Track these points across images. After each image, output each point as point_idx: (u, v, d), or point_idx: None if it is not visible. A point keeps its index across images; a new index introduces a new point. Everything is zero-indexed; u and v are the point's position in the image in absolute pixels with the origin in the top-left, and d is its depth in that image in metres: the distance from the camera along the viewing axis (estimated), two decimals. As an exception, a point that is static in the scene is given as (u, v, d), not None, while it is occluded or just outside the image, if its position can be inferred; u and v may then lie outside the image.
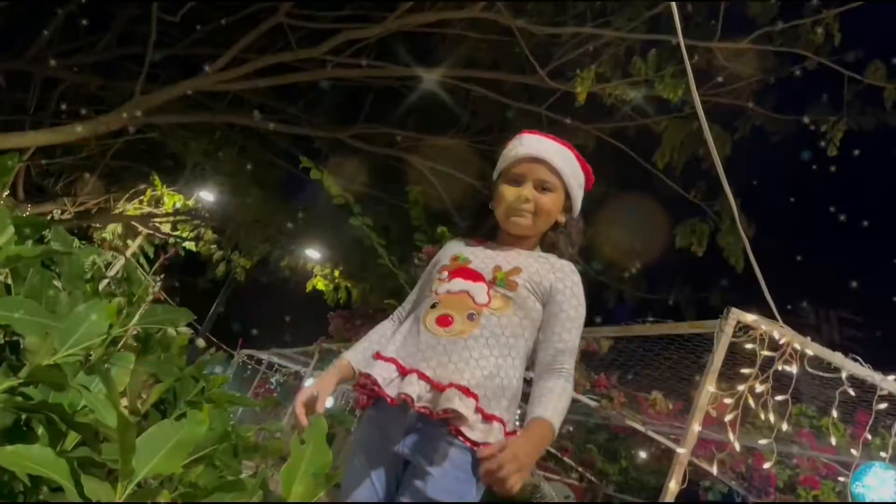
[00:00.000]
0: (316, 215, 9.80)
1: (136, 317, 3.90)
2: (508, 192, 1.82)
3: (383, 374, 1.64)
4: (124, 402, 3.69)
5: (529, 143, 1.85)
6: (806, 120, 5.65)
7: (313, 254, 11.71)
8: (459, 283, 1.74)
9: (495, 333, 1.68)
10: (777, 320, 2.58)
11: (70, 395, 3.06)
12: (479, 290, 1.72)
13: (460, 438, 1.59)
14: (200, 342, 3.56)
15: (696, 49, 5.20)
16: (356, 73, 6.68)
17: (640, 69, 5.12)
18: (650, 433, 5.02)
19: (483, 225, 1.92)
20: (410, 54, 7.20)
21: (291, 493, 3.35)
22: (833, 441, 4.36)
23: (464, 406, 1.57)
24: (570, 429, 7.95)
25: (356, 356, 1.83)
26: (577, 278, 1.80)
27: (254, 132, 8.34)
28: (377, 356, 1.71)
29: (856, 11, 4.67)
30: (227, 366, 14.40)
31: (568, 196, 1.85)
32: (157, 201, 12.49)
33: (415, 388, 1.60)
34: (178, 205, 12.35)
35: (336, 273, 11.00)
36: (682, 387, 4.88)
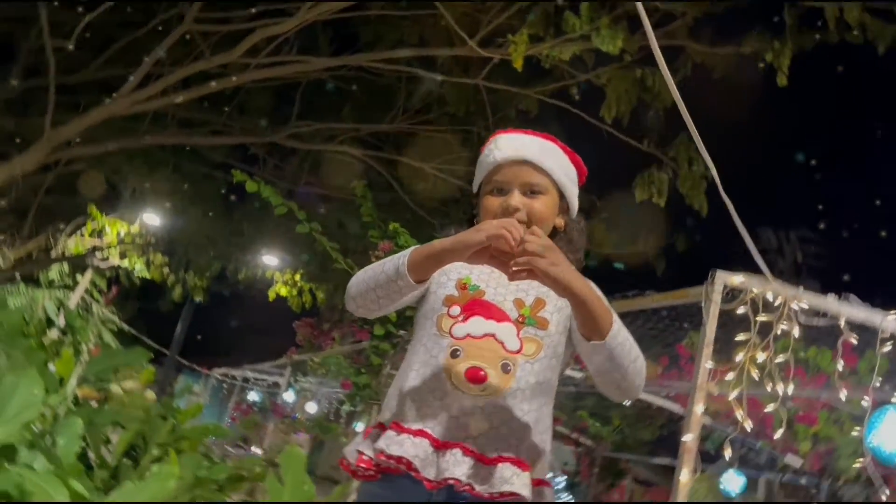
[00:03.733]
0: (266, 221, 9.46)
1: (79, 371, 3.55)
2: (493, 203, 1.54)
3: (418, 454, 1.35)
4: (93, 455, 3.34)
5: (507, 145, 1.58)
6: (748, 51, 5.50)
7: (271, 260, 11.39)
8: (481, 324, 1.45)
9: (532, 383, 1.44)
10: (765, 275, 2.41)
11: (13, 476, 2.76)
12: (509, 334, 1.45)
13: None
14: (150, 394, 3.30)
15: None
16: (280, 72, 6.34)
17: (573, 25, 4.90)
18: (641, 397, 4.91)
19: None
20: (333, 43, 6.90)
21: (277, 537, 3.07)
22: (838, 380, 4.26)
23: (521, 484, 1.34)
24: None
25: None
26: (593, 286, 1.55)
27: (184, 148, 7.95)
28: (396, 427, 1.41)
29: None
30: (203, 385, 14.07)
31: (562, 196, 1.59)
32: (100, 232, 12.02)
33: (462, 469, 1.34)
34: (123, 232, 11.89)
35: (297, 277, 10.70)
36: (667, 351, 4.76)
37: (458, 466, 1.34)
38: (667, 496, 2.68)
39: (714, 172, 2.11)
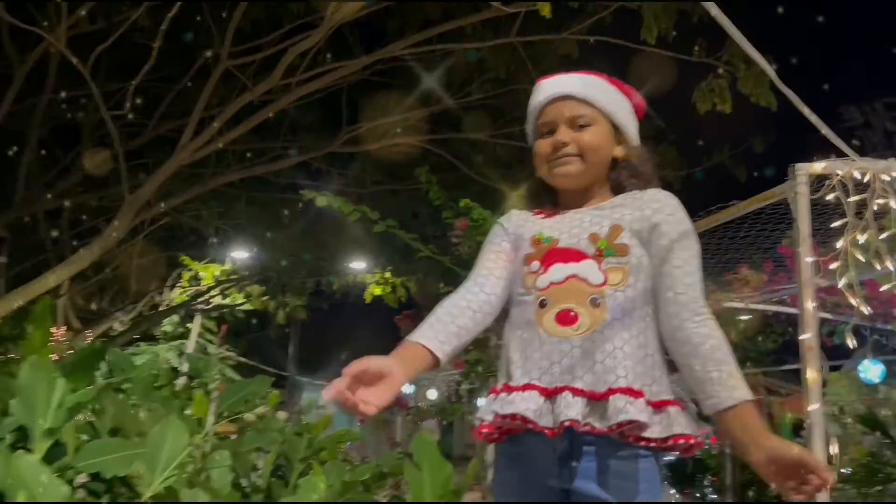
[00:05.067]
0: (344, 229, 9.69)
1: (213, 409, 3.79)
2: (543, 145, 1.57)
3: (530, 407, 1.40)
4: (244, 482, 3.60)
5: (547, 87, 1.60)
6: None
7: (359, 265, 11.66)
8: (561, 269, 1.47)
9: (626, 310, 1.44)
10: (848, 155, 2.31)
11: (183, 515, 3.00)
12: (590, 269, 1.46)
13: (641, 444, 1.38)
14: (282, 414, 3.49)
15: None
16: (320, 83, 6.46)
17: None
18: (752, 307, 4.80)
19: (539, 194, 1.65)
20: (363, 42, 6.97)
21: (428, 521, 3.21)
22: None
23: (637, 411, 1.35)
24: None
25: (430, 338, 1.45)
26: (673, 202, 1.53)
27: (252, 180, 8.23)
28: (507, 388, 1.46)
29: None
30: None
31: (615, 126, 1.58)
32: (197, 279, 12.60)
33: (575, 409, 1.36)
34: (217, 273, 12.44)
35: (387, 275, 10.91)
36: (769, 255, 4.62)
37: (570, 408, 1.37)
38: (803, 401, 2.63)
39: (766, 67, 2.03)
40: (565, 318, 1.44)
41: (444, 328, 1.48)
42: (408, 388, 10.32)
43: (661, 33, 5.58)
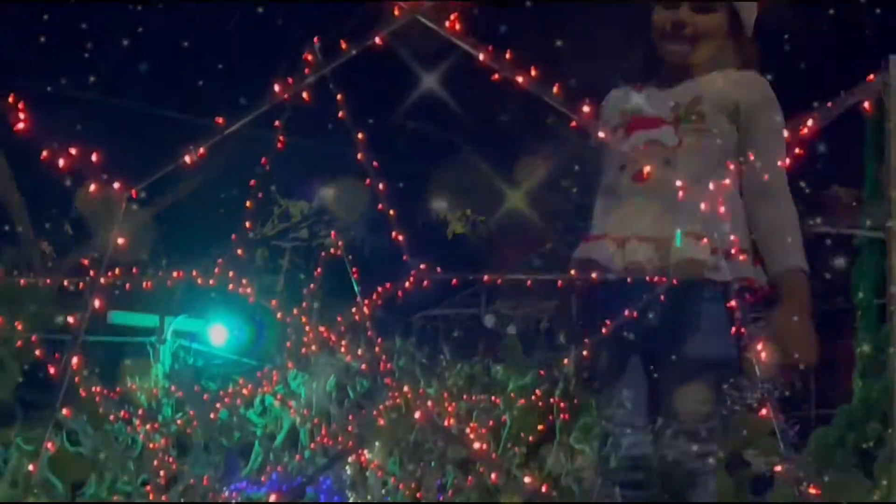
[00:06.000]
0: (428, 169, 9.84)
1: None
2: (662, 17, 1.65)
3: (602, 254, 1.57)
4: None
5: None
6: None
7: (440, 204, 11.79)
8: (641, 135, 1.62)
9: (698, 167, 1.56)
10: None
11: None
12: (666, 134, 1.60)
13: (709, 286, 1.51)
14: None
15: None
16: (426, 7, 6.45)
17: None
18: (841, 232, 4.63)
19: (644, 65, 1.76)
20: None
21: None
22: None
23: (698, 250, 1.48)
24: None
25: None
26: (765, 86, 1.64)
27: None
28: (585, 240, 1.65)
29: None
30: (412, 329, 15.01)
31: (735, 13, 1.65)
32: (285, 216, 13.05)
33: (641, 253, 1.53)
34: (305, 211, 12.84)
35: (468, 212, 11.00)
36: (859, 173, 4.43)
37: (637, 252, 1.53)
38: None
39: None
40: (639, 177, 1.59)
41: None
42: (489, 323, 10.56)
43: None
